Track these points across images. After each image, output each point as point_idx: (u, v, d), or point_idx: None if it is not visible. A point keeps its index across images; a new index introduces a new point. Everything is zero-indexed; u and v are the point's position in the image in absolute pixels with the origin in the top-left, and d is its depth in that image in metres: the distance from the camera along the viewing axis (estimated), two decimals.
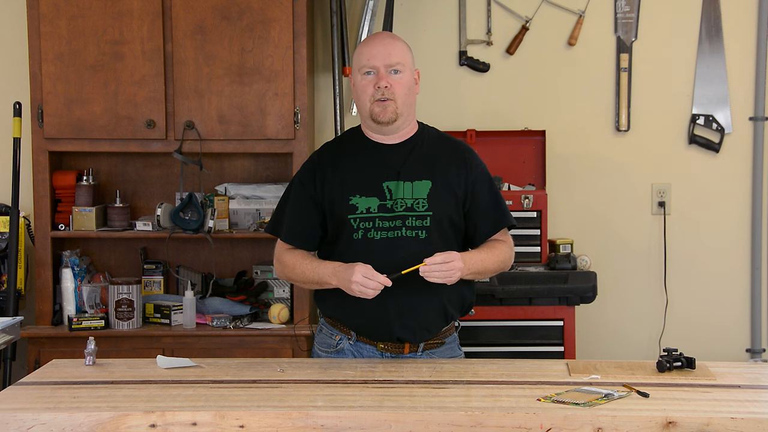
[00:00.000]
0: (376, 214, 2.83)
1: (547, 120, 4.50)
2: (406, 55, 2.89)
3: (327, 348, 2.98)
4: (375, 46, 2.87)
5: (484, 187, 2.93)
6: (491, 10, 4.52)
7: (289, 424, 2.27)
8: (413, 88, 2.91)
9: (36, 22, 4.03)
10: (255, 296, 4.20)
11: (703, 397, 2.45)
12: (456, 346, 3.02)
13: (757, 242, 4.54)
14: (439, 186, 2.86)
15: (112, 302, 4.02)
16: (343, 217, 2.85)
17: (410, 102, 2.90)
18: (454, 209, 2.88)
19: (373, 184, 2.85)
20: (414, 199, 2.84)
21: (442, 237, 2.86)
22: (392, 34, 3.01)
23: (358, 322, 2.90)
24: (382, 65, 2.84)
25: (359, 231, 2.83)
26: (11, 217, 4.11)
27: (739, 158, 4.54)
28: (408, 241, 2.82)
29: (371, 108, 2.85)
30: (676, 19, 4.52)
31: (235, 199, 4.29)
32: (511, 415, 2.27)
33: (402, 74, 2.85)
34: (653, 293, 4.56)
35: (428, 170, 2.88)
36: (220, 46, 4.04)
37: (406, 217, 2.83)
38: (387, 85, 2.83)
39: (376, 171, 2.86)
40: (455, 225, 2.90)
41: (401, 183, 2.85)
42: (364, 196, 2.84)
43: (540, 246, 4.21)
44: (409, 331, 2.86)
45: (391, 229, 2.83)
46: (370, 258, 2.79)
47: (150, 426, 2.28)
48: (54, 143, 4.10)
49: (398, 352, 2.89)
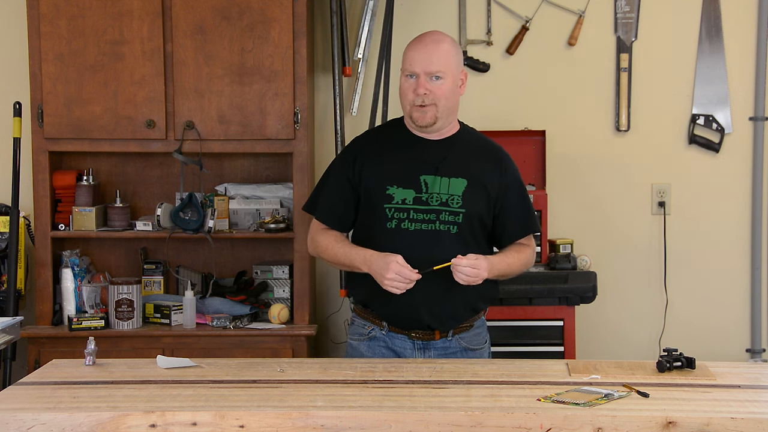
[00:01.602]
0: (411, 205, 2.90)
1: (547, 120, 4.50)
2: (449, 59, 2.90)
3: (360, 336, 3.04)
4: (419, 51, 2.90)
5: (515, 191, 3.02)
6: (491, 10, 4.52)
7: (289, 424, 2.27)
8: (456, 92, 2.94)
9: (36, 22, 4.03)
10: (255, 296, 4.20)
11: (703, 397, 2.45)
12: (484, 331, 3.11)
13: (757, 242, 4.54)
14: (474, 185, 2.93)
15: (112, 302, 4.02)
16: (379, 206, 2.91)
17: (451, 105, 2.94)
18: (485, 209, 2.96)
19: (411, 176, 2.92)
20: (449, 195, 2.91)
21: (473, 235, 2.94)
22: (439, 35, 2.96)
23: (388, 310, 2.96)
24: (423, 72, 2.87)
25: (393, 221, 2.90)
26: (11, 217, 4.11)
27: (739, 158, 4.54)
28: (440, 235, 2.89)
29: (410, 111, 2.92)
30: (676, 19, 4.52)
31: (235, 199, 4.29)
32: (511, 415, 2.27)
33: (443, 80, 2.88)
34: (653, 293, 4.56)
35: (465, 169, 2.94)
36: (220, 46, 4.04)
37: (440, 211, 2.90)
38: (426, 92, 2.87)
39: (415, 164, 2.92)
40: (485, 225, 2.98)
41: (438, 178, 2.91)
42: (401, 187, 2.91)
43: (540, 246, 4.21)
44: (437, 319, 2.95)
45: (425, 221, 2.90)
46: (401, 248, 2.86)
47: (150, 426, 2.28)
48: (54, 143, 4.10)
49: (429, 339, 2.97)
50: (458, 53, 2.96)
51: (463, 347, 3.01)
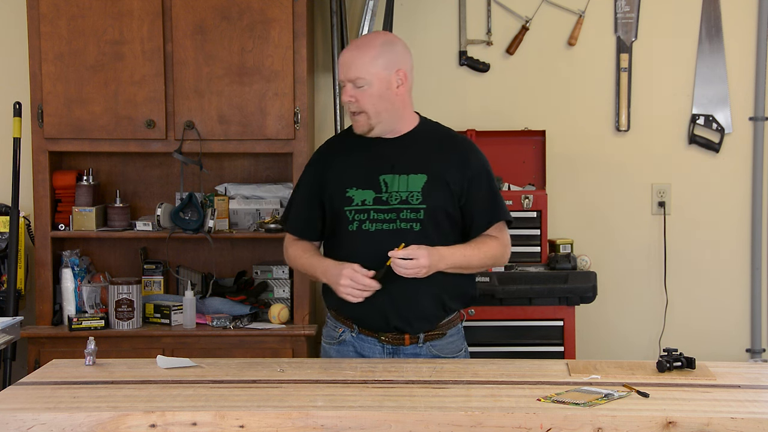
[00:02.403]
0: (371, 206, 2.87)
1: (547, 120, 4.50)
2: (370, 66, 2.82)
3: (330, 340, 3.01)
4: (344, 58, 2.88)
5: (481, 181, 2.94)
6: (491, 10, 4.52)
7: (289, 424, 2.27)
8: (387, 94, 2.86)
9: (36, 22, 4.03)
10: (255, 296, 4.20)
11: (703, 397, 2.45)
12: (460, 339, 3.02)
13: (757, 242, 4.54)
14: (434, 179, 2.88)
15: (112, 302, 4.02)
16: (341, 209, 2.90)
17: (385, 107, 2.87)
18: (449, 203, 2.90)
19: (370, 177, 2.89)
20: (409, 192, 2.87)
21: (437, 229, 2.88)
22: (368, 38, 2.92)
23: (356, 314, 2.92)
24: (346, 79, 2.86)
25: (354, 223, 2.88)
26: (11, 217, 4.11)
27: (739, 158, 4.54)
28: (402, 234, 2.85)
29: (351, 118, 2.93)
30: (676, 19, 4.52)
31: (235, 199, 4.29)
32: (511, 415, 2.27)
33: (367, 87, 2.84)
34: (653, 293, 4.56)
35: (424, 164, 2.90)
36: (220, 46, 4.04)
37: (400, 209, 2.86)
38: (351, 100, 2.86)
39: (373, 164, 2.90)
40: (451, 218, 2.91)
41: (396, 176, 2.88)
42: (360, 189, 2.88)
43: (540, 246, 4.21)
44: (405, 321, 2.89)
45: (386, 221, 2.86)
46: (364, 250, 2.84)
47: (150, 426, 2.28)
48: (54, 143, 4.10)
49: (399, 343, 2.91)
50: (388, 53, 2.85)
51: (434, 354, 2.92)
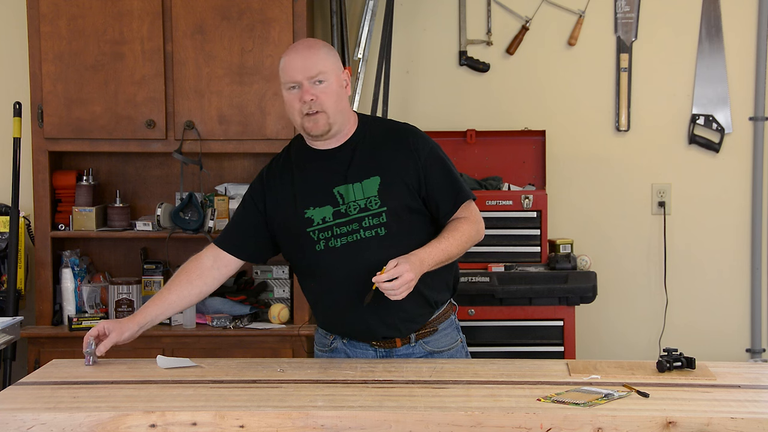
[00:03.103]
0: (332, 222, 2.79)
1: (547, 120, 4.50)
2: (327, 60, 2.78)
3: (322, 347, 2.99)
4: (294, 59, 2.78)
5: (435, 167, 2.86)
6: (491, 10, 4.52)
7: (289, 424, 2.27)
8: (342, 93, 2.82)
9: (36, 22, 4.03)
10: (255, 296, 4.20)
11: (703, 397, 2.45)
12: (454, 331, 2.97)
13: (757, 242, 4.54)
14: (388, 179, 2.81)
15: (112, 302, 4.02)
16: (302, 232, 2.81)
17: (342, 107, 2.82)
18: (409, 198, 2.82)
19: (324, 192, 2.81)
20: (366, 199, 2.79)
21: (403, 229, 2.81)
22: (311, 41, 2.86)
23: (343, 329, 2.90)
24: (304, 78, 2.75)
25: (320, 242, 2.80)
26: (11, 217, 4.11)
27: (739, 158, 4.54)
28: (368, 242, 2.78)
29: (302, 123, 2.79)
30: (676, 19, 4.52)
31: (235, 199, 4.28)
32: (511, 415, 2.27)
33: (327, 82, 2.76)
34: (653, 293, 4.56)
35: (375, 166, 2.82)
36: (220, 46, 4.04)
37: (361, 218, 2.79)
38: (312, 98, 2.75)
39: (325, 179, 2.82)
40: (416, 212, 2.84)
41: (350, 186, 2.80)
42: (317, 207, 2.80)
43: (540, 246, 4.21)
44: (393, 328, 2.85)
45: (350, 233, 2.79)
46: (333, 267, 2.79)
47: (150, 426, 2.28)
48: (54, 143, 4.10)
49: (390, 346, 2.88)
50: (335, 54, 2.84)
51: (428, 351, 2.90)
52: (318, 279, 2.86)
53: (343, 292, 2.80)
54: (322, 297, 2.89)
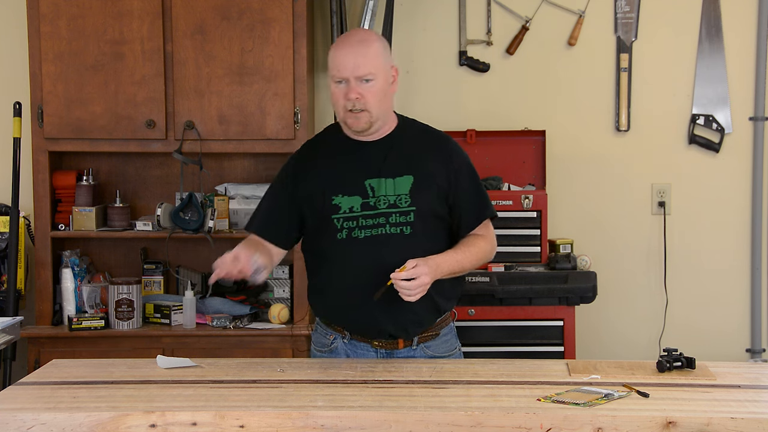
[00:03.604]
0: (359, 213, 2.81)
1: (547, 120, 4.50)
2: (377, 60, 2.78)
3: (321, 348, 2.98)
4: (345, 56, 2.77)
5: (466, 178, 2.90)
6: (491, 10, 4.52)
7: (289, 424, 2.27)
8: (388, 91, 2.83)
9: (36, 22, 4.03)
10: (255, 296, 4.21)
11: (703, 397, 2.45)
12: (453, 338, 2.99)
13: (757, 242, 4.54)
14: (421, 180, 2.83)
15: (112, 302, 4.02)
16: (327, 218, 2.82)
17: (385, 106, 2.83)
18: (437, 203, 2.85)
19: (355, 182, 2.82)
20: (396, 196, 2.82)
21: (427, 232, 2.83)
22: (363, 36, 2.85)
23: (348, 322, 2.89)
24: (352, 77, 2.75)
25: (343, 231, 2.81)
26: (11, 217, 4.11)
27: (739, 158, 4.54)
28: (392, 238, 2.80)
29: (344, 118, 2.81)
30: (676, 19, 4.52)
31: (235, 199, 4.29)
32: (511, 415, 2.27)
33: (374, 81, 2.77)
34: (653, 293, 4.56)
35: (409, 165, 2.84)
36: (220, 46, 4.04)
37: (389, 214, 2.81)
38: (357, 97, 2.76)
39: (358, 169, 2.83)
40: (440, 218, 2.87)
41: (383, 180, 2.82)
42: (346, 196, 2.82)
43: (540, 246, 4.21)
44: (400, 327, 2.85)
45: (375, 226, 2.80)
46: (354, 257, 2.80)
47: (150, 426, 2.28)
48: (54, 143, 4.10)
49: (392, 348, 2.88)
50: (386, 49, 2.84)
51: (428, 355, 2.90)
52: (333, 266, 2.86)
53: (357, 284, 2.81)
54: (333, 285, 2.88)
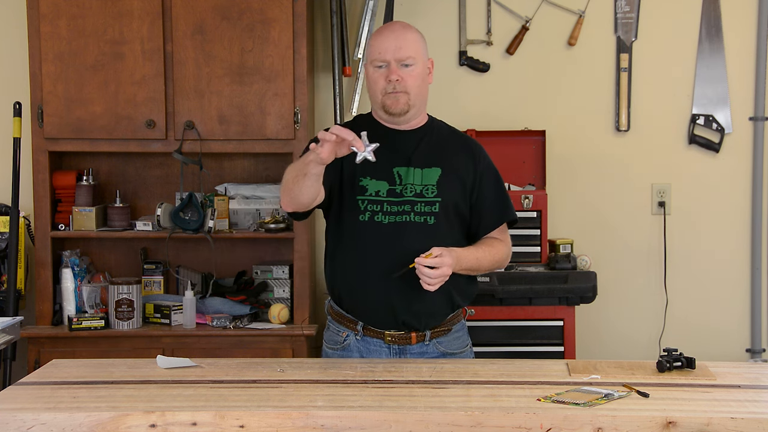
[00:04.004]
0: (384, 198, 2.85)
1: (547, 120, 4.50)
2: (418, 46, 2.87)
3: (334, 345, 2.98)
4: (387, 39, 2.85)
5: (490, 180, 2.96)
6: (491, 10, 4.52)
7: (289, 424, 2.27)
8: (426, 79, 2.90)
9: (36, 22, 4.03)
10: (255, 296, 4.20)
11: (703, 397, 2.45)
12: (465, 335, 3.02)
13: (757, 242, 4.54)
14: (448, 174, 2.88)
15: (112, 302, 4.02)
16: (352, 197, 2.86)
17: (422, 93, 2.90)
18: (461, 198, 2.90)
19: (384, 168, 2.84)
20: (423, 186, 2.86)
21: (449, 225, 2.88)
22: (405, 24, 2.95)
23: (362, 307, 2.89)
24: (393, 59, 2.83)
25: (366, 213, 2.84)
26: (11, 217, 4.11)
27: (739, 158, 4.54)
28: (415, 227, 2.83)
29: (383, 100, 2.86)
30: (676, 19, 4.52)
31: (235, 199, 4.29)
32: (511, 415, 2.27)
33: (414, 66, 2.84)
34: (653, 293, 4.56)
35: (438, 158, 2.90)
36: (220, 46, 4.04)
37: (414, 202, 2.84)
38: (398, 79, 2.82)
39: (387, 156, 2.84)
40: (461, 215, 2.91)
41: (411, 169, 2.87)
42: (374, 179, 2.85)
43: (540, 246, 4.21)
44: (414, 316, 2.86)
45: (399, 213, 2.84)
46: (375, 241, 2.82)
47: (150, 426, 2.28)
48: (54, 143, 4.10)
49: (405, 342, 2.89)
50: (424, 41, 2.92)
51: (441, 352, 2.92)
52: (352, 248, 2.87)
53: (376, 268, 2.83)
54: (352, 267, 2.89)
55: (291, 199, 2.78)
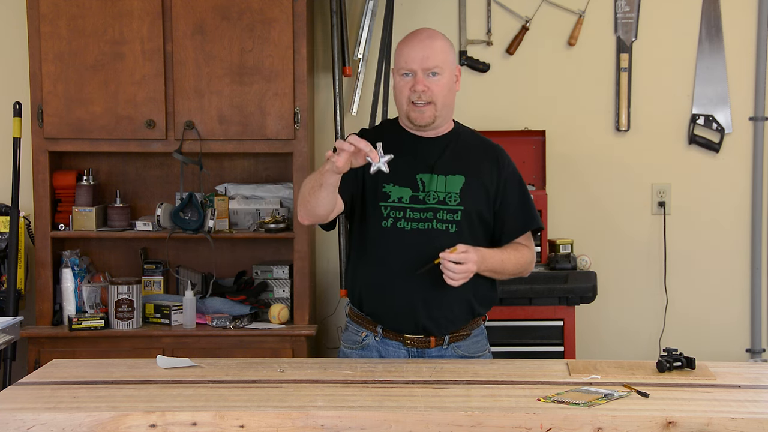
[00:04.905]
0: (407, 204, 2.84)
1: (547, 120, 4.50)
2: (446, 55, 2.84)
3: (352, 345, 2.97)
4: (414, 48, 2.82)
5: (514, 187, 2.95)
6: (491, 10, 4.52)
7: (289, 424, 2.27)
8: (453, 88, 2.88)
9: (36, 22, 4.03)
10: (255, 296, 4.20)
11: (703, 397, 2.45)
12: (483, 339, 3.03)
13: (757, 242, 4.54)
14: (472, 182, 2.87)
15: (112, 302, 4.02)
16: (374, 203, 2.85)
17: (449, 102, 2.88)
18: (485, 206, 2.89)
19: (407, 175, 2.85)
20: (447, 193, 2.85)
21: (472, 232, 2.87)
22: (432, 32, 2.90)
23: (382, 310, 2.89)
24: (420, 68, 2.80)
25: (389, 219, 2.84)
26: (11, 217, 4.11)
27: (739, 158, 4.54)
28: (438, 234, 2.83)
29: (407, 110, 2.85)
30: (676, 19, 4.52)
31: (235, 199, 4.29)
32: (511, 415, 2.27)
33: (441, 76, 2.82)
34: (653, 293, 4.56)
35: (462, 166, 2.89)
36: (220, 46, 4.04)
37: (437, 210, 2.84)
38: (424, 89, 2.80)
39: (411, 162, 2.85)
40: (485, 222, 2.91)
41: (435, 176, 2.86)
42: (397, 185, 2.84)
43: (540, 246, 4.21)
44: (434, 322, 2.87)
45: (422, 220, 2.84)
46: (397, 247, 2.82)
47: (150, 426, 2.28)
48: (54, 143, 4.10)
49: (424, 346, 2.89)
50: (452, 49, 2.90)
51: (459, 355, 2.92)
52: (374, 254, 2.87)
53: (399, 274, 2.83)
54: (373, 272, 2.89)
55: (308, 212, 2.79)
